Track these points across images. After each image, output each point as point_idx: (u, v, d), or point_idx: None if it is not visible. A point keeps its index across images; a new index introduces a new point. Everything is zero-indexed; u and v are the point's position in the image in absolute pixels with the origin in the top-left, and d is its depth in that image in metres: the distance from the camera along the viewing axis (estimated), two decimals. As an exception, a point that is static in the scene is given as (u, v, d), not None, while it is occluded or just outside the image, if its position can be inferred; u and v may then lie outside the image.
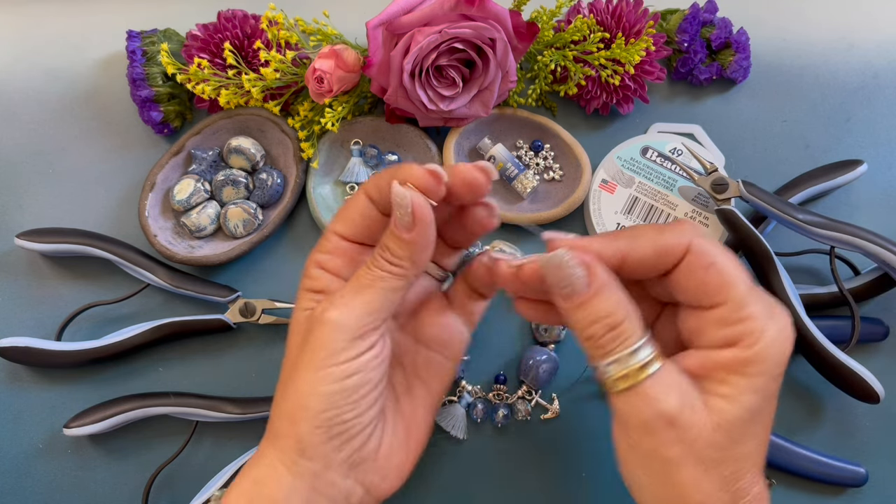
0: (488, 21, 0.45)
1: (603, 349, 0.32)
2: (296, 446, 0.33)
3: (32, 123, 0.53)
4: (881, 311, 0.51)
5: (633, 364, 0.31)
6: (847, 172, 0.50)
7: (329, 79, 0.46)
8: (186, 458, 0.49)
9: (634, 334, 0.32)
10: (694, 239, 0.32)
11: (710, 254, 0.31)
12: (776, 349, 0.31)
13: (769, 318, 0.31)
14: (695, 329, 0.33)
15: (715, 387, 0.32)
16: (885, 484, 0.49)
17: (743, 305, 0.31)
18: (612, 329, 0.32)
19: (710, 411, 0.31)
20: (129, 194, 0.52)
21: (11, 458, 0.49)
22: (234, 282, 0.51)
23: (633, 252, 0.33)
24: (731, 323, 0.31)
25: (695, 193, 0.51)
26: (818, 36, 0.56)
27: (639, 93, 0.52)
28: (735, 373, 0.31)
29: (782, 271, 0.47)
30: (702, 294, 0.32)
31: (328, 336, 0.33)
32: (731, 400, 0.31)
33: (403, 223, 0.33)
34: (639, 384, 0.31)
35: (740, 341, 0.31)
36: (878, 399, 0.45)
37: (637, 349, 0.31)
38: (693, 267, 0.32)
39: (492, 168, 0.35)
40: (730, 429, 0.31)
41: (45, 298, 0.51)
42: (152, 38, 0.51)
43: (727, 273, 0.31)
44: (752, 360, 0.31)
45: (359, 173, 0.51)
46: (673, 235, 0.32)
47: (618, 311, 0.32)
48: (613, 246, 0.33)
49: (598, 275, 0.32)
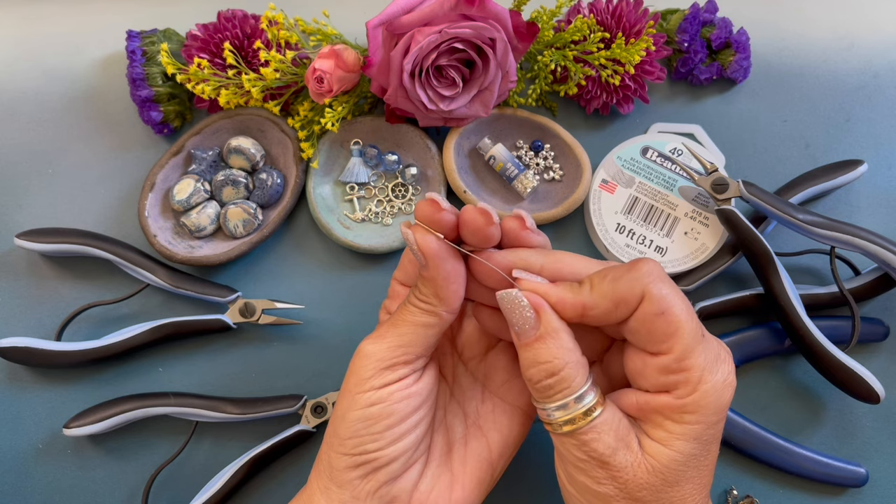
0: (488, 21, 0.45)
1: (541, 394, 0.33)
2: (328, 471, 0.34)
3: (32, 123, 0.53)
4: (881, 311, 0.51)
5: (578, 410, 0.32)
6: (847, 172, 0.50)
7: (329, 79, 0.46)
8: (186, 458, 0.49)
9: (572, 385, 0.32)
10: (648, 286, 0.32)
11: (662, 302, 0.31)
12: (711, 399, 0.31)
13: (708, 370, 0.31)
14: (637, 370, 0.33)
15: (651, 430, 0.32)
16: (885, 484, 0.49)
17: (685, 357, 0.31)
18: (549, 375, 0.32)
19: (645, 454, 0.32)
20: (129, 194, 0.52)
21: (11, 459, 0.49)
22: (234, 282, 0.51)
23: (594, 307, 0.32)
24: (670, 371, 0.31)
25: (695, 193, 0.51)
26: (818, 36, 0.56)
27: (639, 93, 0.52)
28: (670, 419, 0.32)
29: (782, 271, 0.47)
30: (648, 340, 0.32)
31: (359, 364, 0.34)
32: (665, 444, 0.31)
33: (419, 262, 0.34)
34: (580, 429, 0.32)
35: (676, 389, 0.32)
36: (879, 399, 0.45)
37: (581, 395, 0.32)
38: (645, 313, 0.32)
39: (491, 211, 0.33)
40: (664, 472, 0.31)
41: (45, 298, 0.51)
42: (152, 38, 0.51)
43: (676, 323, 0.31)
44: (686, 409, 0.31)
45: (359, 173, 0.51)
46: (627, 284, 0.32)
47: (558, 359, 0.32)
48: (574, 298, 0.33)
49: (547, 321, 0.32)
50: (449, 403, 0.39)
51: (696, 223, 0.51)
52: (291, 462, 0.49)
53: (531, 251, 0.35)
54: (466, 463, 0.37)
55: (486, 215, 0.33)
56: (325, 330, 0.51)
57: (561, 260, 0.34)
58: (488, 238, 0.34)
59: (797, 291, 0.47)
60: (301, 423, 0.48)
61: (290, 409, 0.47)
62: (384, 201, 0.52)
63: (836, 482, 0.48)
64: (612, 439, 0.32)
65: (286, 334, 0.51)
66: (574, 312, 0.33)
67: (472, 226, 0.33)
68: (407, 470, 0.35)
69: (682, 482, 0.32)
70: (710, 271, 0.49)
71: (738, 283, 0.51)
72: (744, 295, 0.49)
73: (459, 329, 0.39)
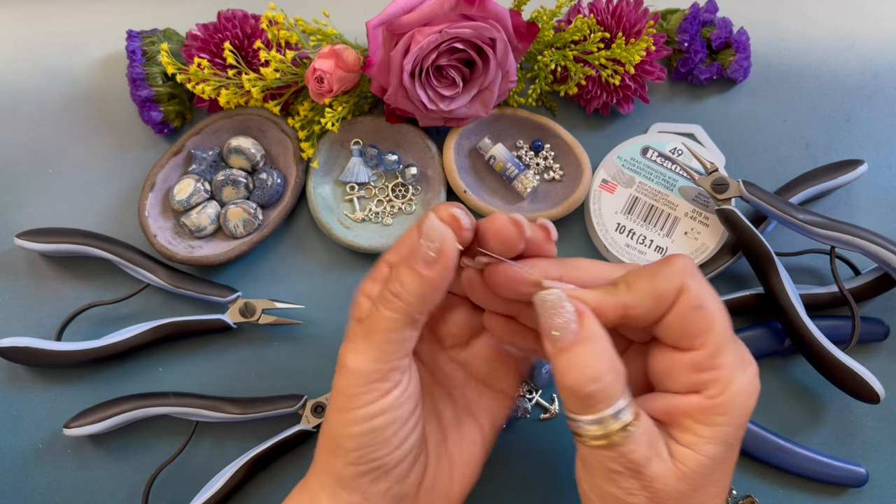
0: (488, 21, 0.45)
1: (582, 403, 0.30)
2: (335, 479, 0.34)
3: (32, 123, 0.53)
4: (881, 311, 0.51)
5: (614, 426, 0.30)
6: (847, 172, 0.50)
7: (329, 79, 0.46)
8: (186, 458, 0.49)
9: (616, 394, 0.30)
10: (687, 279, 0.31)
11: (700, 296, 0.31)
12: (741, 400, 0.31)
13: (739, 369, 0.31)
14: (665, 370, 0.33)
15: (679, 434, 0.31)
16: (885, 484, 0.49)
17: (717, 353, 0.31)
18: (593, 381, 0.30)
19: (674, 460, 0.31)
20: (129, 194, 0.52)
21: (11, 458, 0.49)
22: (234, 282, 0.51)
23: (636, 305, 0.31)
24: (702, 369, 0.31)
25: (695, 193, 0.51)
26: (818, 36, 0.56)
27: (639, 93, 0.52)
28: (699, 421, 0.31)
29: (782, 271, 0.47)
30: (682, 335, 0.31)
31: (346, 381, 0.33)
32: (694, 449, 0.31)
33: (426, 257, 0.32)
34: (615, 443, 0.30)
35: (707, 389, 0.31)
36: (879, 399, 0.45)
37: (619, 410, 0.30)
38: (683, 307, 0.31)
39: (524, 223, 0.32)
40: (693, 477, 0.31)
41: (45, 298, 0.51)
42: (152, 38, 0.51)
43: (711, 318, 0.31)
44: (716, 410, 0.31)
45: (359, 173, 0.51)
46: (666, 279, 0.31)
47: (602, 363, 0.30)
48: (614, 299, 0.32)
49: (589, 324, 0.31)
50: (435, 390, 0.39)
51: (697, 223, 0.51)
52: (291, 462, 0.49)
53: (549, 261, 0.33)
54: (462, 447, 0.38)
55: (518, 227, 0.32)
56: (325, 330, 0.50)
57: (579, 267, 0.33)
58: (515, 250, 0.32)
59: (797, 291, 0.47)
60: (301, 423, 0.48)
61: (290, 409, 0.47)
62: (384, 201, 0.52)
63: (836, 482, 0.48)
64: (646, 448, 0.30)
65: (286, 334, 0.51)
66: (615, 314, 0.32)
67: (502, 236, 0.32)
68: (413, 466, 0.35)
69: (709, 485, 0.31)
70: (710, 271, 0.49)
71: (738, 283, 0.51)
72: (744, 295, 0.49)
73: (442, 320, 0.38)
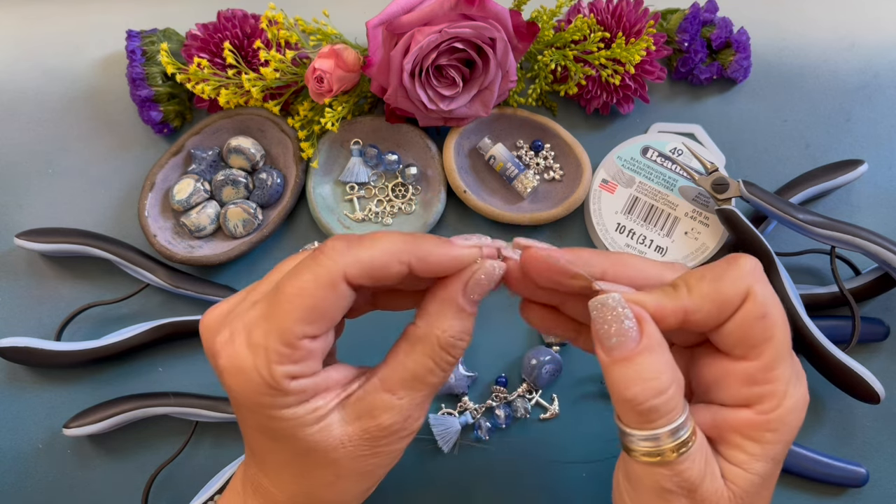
0: (488, 21, 0.45)
1: (643, 417, 0.28)
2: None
3: (32, 123, 0.53)
4: (882, 311, 0.51)
5: (670, 444, 0.28)
6: (847, 172, 0.50)
7: (329, 78, 0.46)
8: (186, 458, 0.49)
9: (678, 407, 0.28)
10: (753, 286, 0.29)
11: (765, 304, 0.29)
12: (794, 416, 0.29)
13: (794, 384, 0.29)
14: (715, 379, 0.31)
15: (728, 451, 0.30)
16: (885, 484, 0.49)
17: (774, 366, 0.29)
18: (658, 394, 0.28)
19: (725, 480, 0.30)
20: (128, 194, 0.52)
21: (11, 458, 0.49)
22: (234, 282, 0.51)
23: (697, 310, 0.29)
24: (756, 382, 0.29)
25: (695, 193, 0.51)
26: (818, 36, 0.56)
27: (639, 92, 0.52)
28: (749, 438, 0.29)
29: (783, 271, 0.47)
30: (740, 344, 0.29)
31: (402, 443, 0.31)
32: (745, 468, 0.29)
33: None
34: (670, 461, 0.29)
35: (760, 403, 0.29)
36: (879, 399, 0.45)
37: (678, 426, 0.28)
38: (746, 315, 0.29)
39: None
40: (743, 497, 0.29)
41: (45, 298, 0.51)
42: (152, 38, 0.51)
43: (774, 329, 0.29)
44: (768, 427, 0.29)
45: (358, 173, 0.51)
46: (732, 283, 0.29)
47: (666, 374, 0.28)
48: (675, 304, 0.29)
49: (650, 332, 0.29)
50: None
51: (697, 223, 0.51)
52: (291, 462, 0.49)
53: (593, 252, 0.31)
54: None
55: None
56: (325, 330, 0.50)
57: (626, 263, 0.31)
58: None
59: (797, 291, 0.47)
60: (301, 423, 0.48)
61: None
62: (384, 201, 0.52)
63: (836, 482, 0.48)
64: (702, 465, 0.29)
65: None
66: (675, 319, 0.29)
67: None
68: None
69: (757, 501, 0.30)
70: (710, 271, 0.49)
71: (738, 282, 0.51)
72: (744, 295, 0.49)
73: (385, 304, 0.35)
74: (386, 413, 0.30)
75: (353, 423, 0.30)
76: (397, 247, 0.29)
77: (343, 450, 0.30)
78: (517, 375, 0.50)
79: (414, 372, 0.31)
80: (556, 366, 0.48)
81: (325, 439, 0.30)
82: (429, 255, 0.29)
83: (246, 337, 0.29)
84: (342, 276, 0.28)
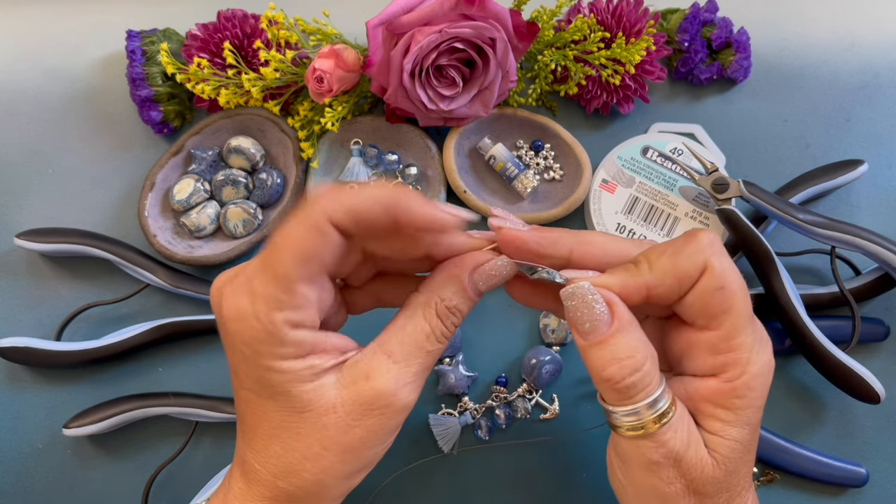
0: (488, 21, 0.45)
1: (622, 394, 0.30)
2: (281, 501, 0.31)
3: (32, 123, 0.53)
4: (882, 311, 0.51)
5: (650, 416, 0.30)
6: (847, 172, 0.50)
7: (329, 78, 0.46)
8: (186, 458, 0.49)
9: (654, 381, 0.30)
10: (711, 258, 0.30)
11: (723, 276, 0.30)
12: (759, 381, 0.31)
13: (756, 351, 0.31)
14: (683, 349, 0.32)
15: (704, 421, 0.32)
16: (885, 484, 0.49)
17: (735, 335, 0.30)
18: (634, 371, 0.30)
19: (708, 448, 0.31)
20: (128, 194, 0.52)
21: (11, 458, 0.49)
22: (234, 282, 0.51)
23: (658, 285, 0.31)
24: (719, 351, 0.31)
25: (695, 193, 0.51)
26: (818, 36, 0.56)
27: (639, 92, 0.52)
28: (721, 405, 0.31)
29: (783, 271, 0.47)
30: (701, 314, 0.31)
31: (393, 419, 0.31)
32: (722, 435, 0.31)
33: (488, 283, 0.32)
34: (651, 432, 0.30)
35: (724, 372, 0.31)
36: (879, 399, 0.45)
37: (656, 398, 0.30)
38: (704, 287, 0.30)
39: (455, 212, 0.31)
40: (726, 463, 0.31)
41: (45, 298, 0.51)
42: (152, 38, 0.51)
43: (732, 299, 0.30)
44: (735, 393, 0.31)
45: (359, 173, 0.51)
46: (690, 257, 0.30)
47: (640, 352, 0.30)
48: (637, 281, 0.31)
49: (621, 313, 0.30)
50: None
51: (697, 223, 0.51)
52: (291, 462, 0.49)
53: (561, 232, 0.32)
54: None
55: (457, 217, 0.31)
56: (325, 330, 0.50)
57: (591, 242, 0.32)
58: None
59: (797, 291, 0.47)
60: (301, 423, 0.48)
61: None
62: (384, 201, 0.52)
63: (836, 482, 0.48)
64: (685, 434, 0.31)
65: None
66: (639, 296, 0.31)
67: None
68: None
69: (740, 467, 0.32)
70: (710, 271, 0.49)
71: (738, 282, 0.51)
72: (744, 295, 0.49)
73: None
74: (381, 376, 0.31)
75: (349, 387, 0.31)
76: (382, 194, 0.29)
77: (334, 415, 0.30)
78: (517, 375, 0.50)
79: (412, 335, 0.32)
80: (556, 366, 0.48)
81: (318, 399, 0.30)
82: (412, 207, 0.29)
83: (246, 287, 0.29)
84: (327, 219, 0.28)
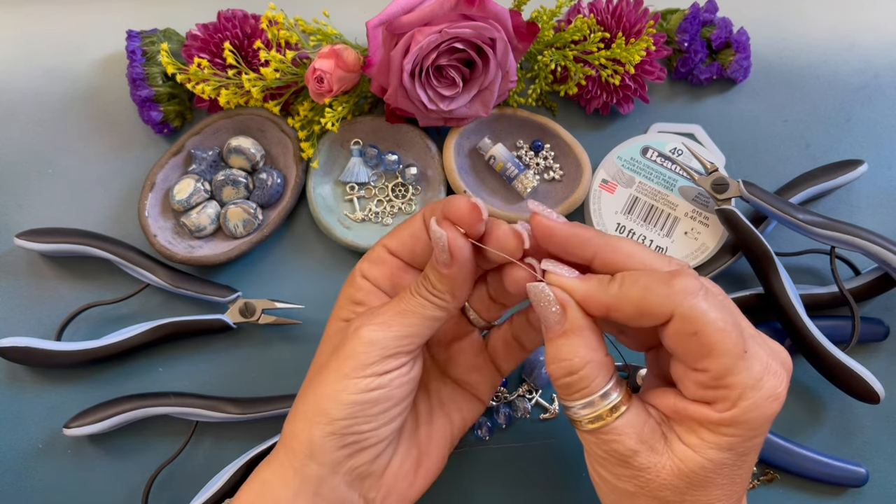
0: (488, 21, 0.45)
1: (560, 391, 0.33)
2: (307, 449, 0.34)
3: (32, 123, 0.53)
4: (881, 311, 0.51)
5: (604, 407, 0.32)
6: (847, 172, 0.50)
7: (329, 79, 0.46)
8: (186, 458, 0.49)
9: (591, 385, 0.32)
10: (679, 305, 0.30)
11: (695, 322, 0.29)
12: (752, 415, 0.30)
13: (751, 387, 0.30)
14: (677, 378, 0.32)
15: (684, 434, 0.32)
16: (885, 484, 0.49)
17: (723, 376, 0.30)
18: (568, 373, 0.32)
19: (672, 455, 0.31)
20: (128, 194, 0.52)
21: (11, 458, 0.49)
22: (234, 282, 0.51)
23: (616, 310, 0.31)
24: (708, 387, 0.30)
25: (695, 193, 0.51)
26: (818, 36, 0.56)
27: (639, 93, 0.52)
28: (705, 427, 0.31)
29: (782, 271, 0.47)
30: (684, 357, 0.31)
31: (360, 349, 0.34)
32: (696, 451, 0.31)
33: (442, 259, 0.34)
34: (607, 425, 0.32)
35: (716, 404, 0.31)
36: (879, 399, 0.45)
37: (590, 402, 0.32)
38: (677, 331, 0.30)
39: (526, 235, 0.34)
40: (690, 476, 0.31)
41: (45, 298, 0.51)
42: (152, 38, 0.51)
43: (710, 344, 0.30)
44: (724, 422, 0.30)
45: (359, 173, 0.51)
46: (658, 297, 0.30)
47: (578, 357, 0.32)
48: (599, 296, 0.32)
49: (571, 317, 0.32)
50: None
51: (697, 223, 0.51)
52: (291, 462, 0.49)
53: (592, 232, 0.33)
54: (432, 440, 0.38)
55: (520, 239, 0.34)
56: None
57: (616, 248, 0.33)
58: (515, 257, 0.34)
59: (797, 291, 0.47)
60: (301, 423, 0.48)
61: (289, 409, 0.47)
62: (384, 201, 0.52)
63: (836, 482, 0.48)
64: (633, 442, 0.31)
65: (286, 334, 0.51)
66: (598, 311, 0.32)
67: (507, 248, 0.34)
68: (387, 448, 0.36)
69: (710, 487, 0.31)
70: (710, 271, 0.49)
71: (738, 283, 0.51)
72: (744, 295, 0.49)
73: None
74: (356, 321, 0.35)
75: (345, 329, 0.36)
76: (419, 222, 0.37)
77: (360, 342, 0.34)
78: (517, 375, 0.50)
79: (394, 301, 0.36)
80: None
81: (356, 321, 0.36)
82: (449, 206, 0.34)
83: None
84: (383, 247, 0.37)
